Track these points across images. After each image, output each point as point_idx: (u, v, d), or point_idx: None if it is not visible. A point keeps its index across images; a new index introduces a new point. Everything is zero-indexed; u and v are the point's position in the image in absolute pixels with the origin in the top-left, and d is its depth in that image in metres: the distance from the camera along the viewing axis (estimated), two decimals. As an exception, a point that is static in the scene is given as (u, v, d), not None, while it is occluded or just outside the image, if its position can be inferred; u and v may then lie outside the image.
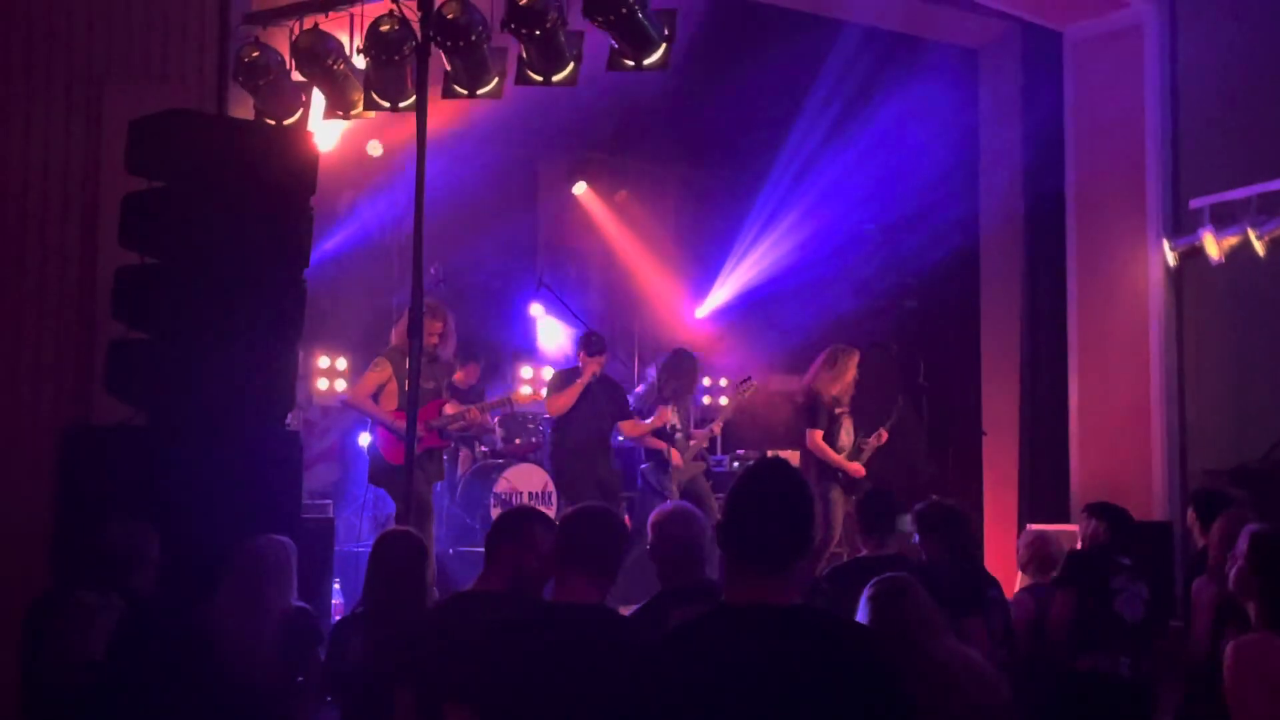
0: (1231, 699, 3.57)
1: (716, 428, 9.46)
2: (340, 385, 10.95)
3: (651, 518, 4.26)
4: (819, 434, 8.82)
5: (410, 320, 6.34)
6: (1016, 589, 6.88)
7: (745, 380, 9.55)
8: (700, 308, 12.90)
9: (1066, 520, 9.06)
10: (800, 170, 11.34)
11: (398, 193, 10.34)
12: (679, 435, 8.94)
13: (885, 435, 9.03)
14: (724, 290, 12.63)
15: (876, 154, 10.66)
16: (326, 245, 10.19)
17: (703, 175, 13.40)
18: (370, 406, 8.08)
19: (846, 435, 8.94)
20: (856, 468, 8.82)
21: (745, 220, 12.14)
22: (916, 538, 5.98)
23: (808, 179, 11.35)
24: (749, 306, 12.54)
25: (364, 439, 9.01)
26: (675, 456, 8.85)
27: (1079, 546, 6.60)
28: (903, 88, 10.27)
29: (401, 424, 7.69)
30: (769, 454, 9.64)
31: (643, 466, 9.17)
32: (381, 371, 8.11)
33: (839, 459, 8.80)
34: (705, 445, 9.35)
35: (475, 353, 9.76)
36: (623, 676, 2.73)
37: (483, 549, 4.29)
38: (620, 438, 9.16)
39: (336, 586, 7.79)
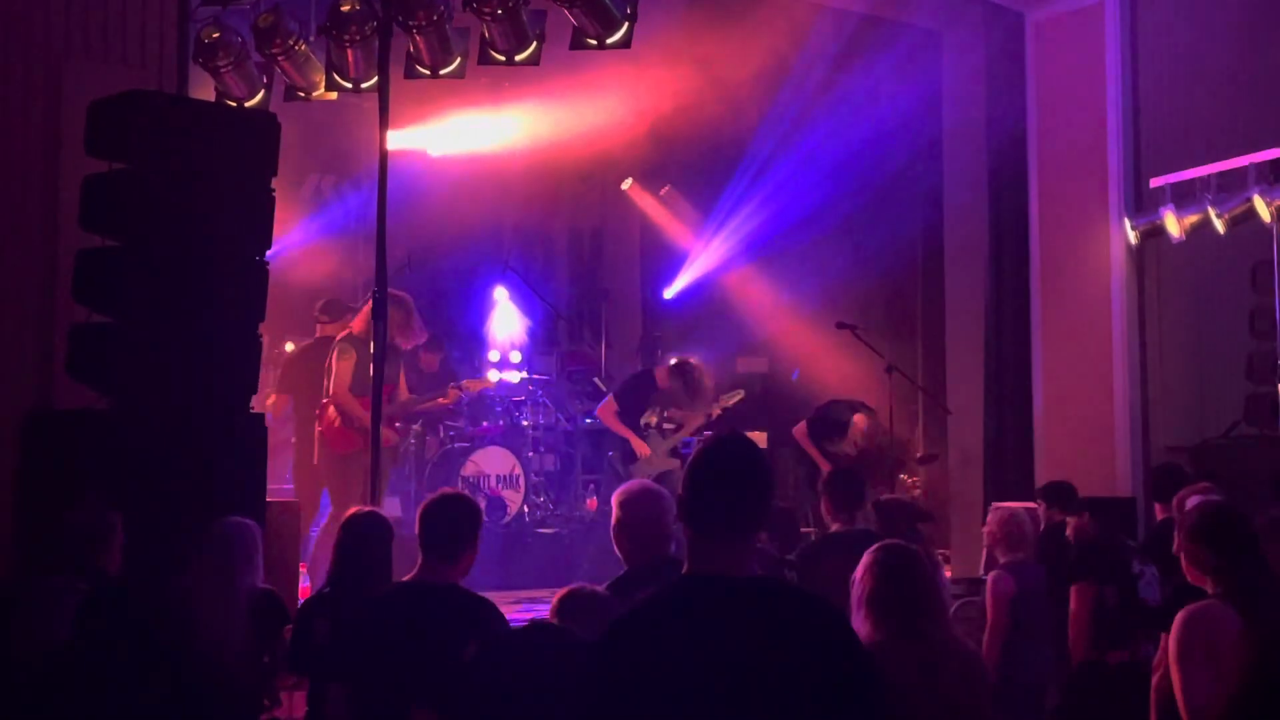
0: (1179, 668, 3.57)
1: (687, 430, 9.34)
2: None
3: (615, 496, 4.24)
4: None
5: (374, 305, 6.32)
6: (984, 566, 6.92)
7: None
8: (669, 289, 12.89)
9: (1032, 498, 9.10)
10: (770, 153, 11.34)
11: (365, 178, 10.28)
12: (651, 431, 8.92)
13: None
14: (692, 272, 12.62)
15: (841, 135, 10.67)
16: (294, 233, 10.13)
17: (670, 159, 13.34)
18: (354, 406, 7.78)
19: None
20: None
21: (715, 204, 12.13)
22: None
23: (774, 161, 11.36)
24: (717, 288, 12.53)
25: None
26: (643, 448, 8.83)
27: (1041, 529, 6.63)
28: (866, 70, 10.28)
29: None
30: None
31: (610, 454, 9.18)
32: (350, 359, 8.03)
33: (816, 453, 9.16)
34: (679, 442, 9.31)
35: (438, 337, 9.73)
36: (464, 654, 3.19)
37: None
38: (588, 420, 9.17)
39: (303, 569, 7.76)
